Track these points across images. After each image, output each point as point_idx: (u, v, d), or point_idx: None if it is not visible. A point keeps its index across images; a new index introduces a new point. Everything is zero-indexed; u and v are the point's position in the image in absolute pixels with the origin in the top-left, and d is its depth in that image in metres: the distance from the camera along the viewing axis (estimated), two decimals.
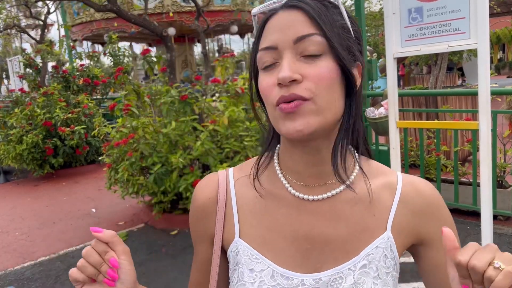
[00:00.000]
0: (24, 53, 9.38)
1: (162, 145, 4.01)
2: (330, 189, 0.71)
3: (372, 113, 3.65)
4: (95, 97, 9.11)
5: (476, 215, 3.36)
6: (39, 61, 8.93)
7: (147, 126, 4.13)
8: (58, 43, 9.62)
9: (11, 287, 3.31)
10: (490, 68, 2.79)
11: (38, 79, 8.92)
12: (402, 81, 15.14)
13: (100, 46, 13.22)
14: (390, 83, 2.70)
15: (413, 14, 2.83)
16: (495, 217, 3.17)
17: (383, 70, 9.13)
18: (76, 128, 6.69)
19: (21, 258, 3.91)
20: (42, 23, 10.98)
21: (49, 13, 10.85)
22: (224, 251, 0.76)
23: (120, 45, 7.82)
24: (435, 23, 2.75)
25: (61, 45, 9.42)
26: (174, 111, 4.20)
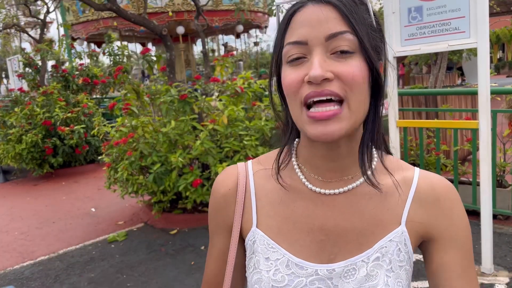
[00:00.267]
0: (23, 52, 9.36)
1: (161, 144, 4.00)
2: (347, 183, 0.72)
3: None
4: (94, 97, 9.10)
5: (476, 214, 3.36)
6: (38, 59, 8.90)
7: (147, 125, 4.12)
8: (58, 42, 9.60)
9: (10, 287, 3.30)
10: (489, 67, 2.78)
11: (37, 79, 8.89)
12: (401, 81, 15.17)
13: (104, 45, 13.27)
14: (389, 83, 2.70)
15: (413, 13, 2.83)
16: (494, 217, 3.17)
17: None
18: (75, 127, 6.68)
19: (20, 257, 3.91)
20: (41, 22, 10.97)
21: (48, 12, 10.82)
22: (242, 240, 0.78)
23: (126, 46, 7.79)
24: (435, 22, 2.75)
25: (61, 44, 9.40)
26: (173, 110, 4.20)
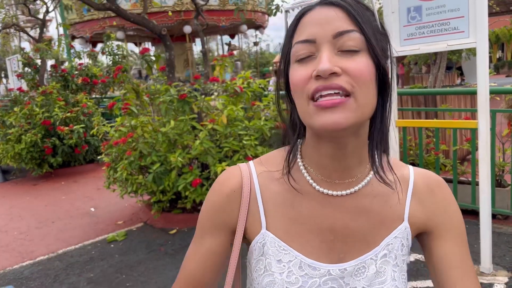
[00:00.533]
0: (22, 52, 9.34)
1: (161, 144, 4.00)
2: (353, 185, 0.73)
3: None
4: (94, 96, 9.09)
5: (475, 214, 3.36)
6: (37, 59, 8.89)
7: (146, 125, 4.12)
8: (56, 42, 9.59)
9: (10, 287, 3.30)
10: (489, 67, 2.78)
11: (36, 78, 8.88)
12: (401, 80, 15.17)
13: (103, 45, 13.32)
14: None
15: (412, 13, 2.83)
16: (493, 216, 3.17)
17: None
18: (75, 127, 6.67)
19: (19, 257, 3.91)
20: (40, 21, 10.95)
21: (47, 11, 10.79)
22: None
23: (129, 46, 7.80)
24: (434, 22, 2.75)
25: (60, 44, 9.39)
26: (173, 110, 4.20)
